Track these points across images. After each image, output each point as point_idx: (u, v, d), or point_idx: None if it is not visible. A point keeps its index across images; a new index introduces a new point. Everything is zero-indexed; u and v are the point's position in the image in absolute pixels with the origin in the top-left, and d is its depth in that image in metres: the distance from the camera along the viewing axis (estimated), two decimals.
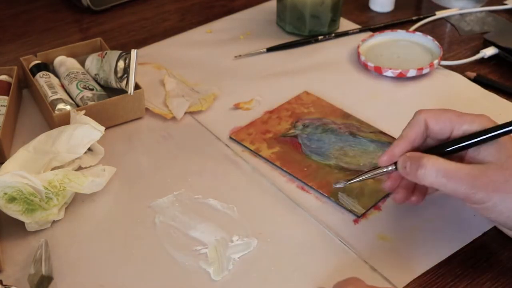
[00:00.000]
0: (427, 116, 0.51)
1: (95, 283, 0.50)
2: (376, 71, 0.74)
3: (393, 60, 0.76)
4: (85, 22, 0.88)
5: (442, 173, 0.47)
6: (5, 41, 0.84)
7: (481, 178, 0.47)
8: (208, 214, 0.56)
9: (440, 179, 0.47)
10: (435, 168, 0.48)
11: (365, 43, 0.79)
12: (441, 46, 0.76)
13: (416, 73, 0.73)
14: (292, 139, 0.64)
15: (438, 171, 0.47)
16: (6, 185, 0.51)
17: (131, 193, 0.59)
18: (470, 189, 0.47)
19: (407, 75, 0.73)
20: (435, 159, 0.48)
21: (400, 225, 0.55)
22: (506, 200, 0.46)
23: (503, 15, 0.88)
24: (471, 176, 0.47)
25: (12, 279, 0.50)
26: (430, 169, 0.48)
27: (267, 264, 0.52)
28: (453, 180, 0.47)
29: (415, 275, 0.51)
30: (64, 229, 0.55)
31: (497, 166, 0.47)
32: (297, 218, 0.56)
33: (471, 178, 0.47)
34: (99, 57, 0.70)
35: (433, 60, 0.75)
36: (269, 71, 0.76)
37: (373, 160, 0.61)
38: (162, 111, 0.69)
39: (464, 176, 0.47)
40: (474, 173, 0.47)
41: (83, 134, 0.58)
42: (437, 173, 0.47)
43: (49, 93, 0.66)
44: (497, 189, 0.46)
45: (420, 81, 0.74)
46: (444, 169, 0.47)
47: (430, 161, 0.48)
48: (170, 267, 0.52)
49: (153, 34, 0.85)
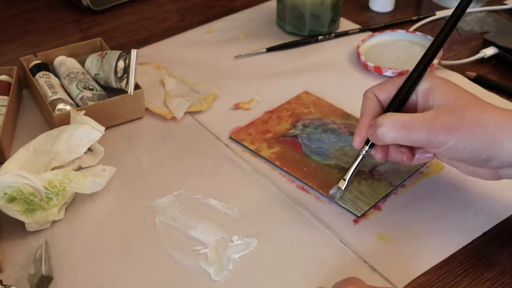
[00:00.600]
0: (373, 89, 0.55)
1: (95, 283, 0.50)
2: (376, 71, 0.74)
3: (393, 60, 0.76)
4: (85, 22, 0.88)
5: (399, 126, 0.49)
6: (5, 41, 0.84)
7: (436, 120, 0.49)
8: (208, 214, 0.56)
9: (400, 132, 0.49)
10: (392, 123, 0.50)
11: (365, 43, 0.79)
12: None
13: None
14: (292, 139, 0.64)
15: (395, 125, 0.49)
16: (6, 185, 0.51)
17: (131, 193, 0.59)
18: (429, 134, 0.49)
19: None
20: (390, 115, 0.51)
21: (400, 225, 0.55)
22: (464, 136, 0.48)
23: (503, 15, 0.88)
24: (427, 121, 0.49)
25: (12, 279, 0.50)
26: (387, 126, 0.50)
27: (267, 264, 0.52)
28: (412, 129, 0.49)
29: (415, 275, 0.51)
30: (64, 229, 0.55)
31: (448, 107, 0.50)
32: (297, 218, 0.56)
33: (427, 123, 0.49)
34: (99, 57, 0.70)
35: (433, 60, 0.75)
36: (269, 71, 0.76)
37: (373, 160, 0.61)
38: (162, 111, 0.69)
39: (421, 123, 0.49)
40: (429, 118, 0.49)
41: (83, 134, 0.58)
42: (394, 127, 0.49)
43: (49, 93, 0.66)
44: (454, 127, 0.48)
45: None
46: (401, 121, 0.50)
47: (385, 118, 0.50)
48: (170, 267, 0.52)
49: (153, 34, 0.85)
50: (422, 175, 0.60)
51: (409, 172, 0.60)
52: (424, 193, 0.58)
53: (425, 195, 0.58)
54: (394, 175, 0.60)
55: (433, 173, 0.60)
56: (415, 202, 0.57)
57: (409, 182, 0.59)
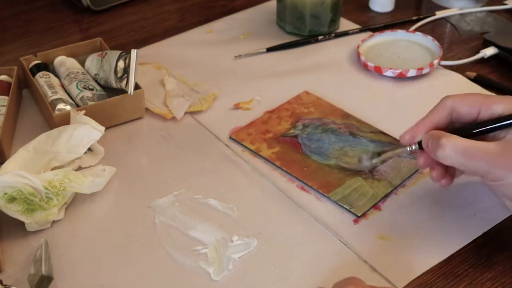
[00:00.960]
0: (454, 99, 0.52)
1: (95, 283, 0.50)
2: (376, 71, 0.74)
3: (393, 60, 0.76)
4: (85, 22, 0.88)
5: (460, 153, 0.48)
6: (5, 41, 0.84)
7: (500, 156, 0.47)
8: (208, 214, 0.56)
9: (459, 158, 0.48)
10: (454, 148, 0.48)
11: (365, 43, 0.79)
12: (441, 46, 0.76)
13: (416, 73, 0.73)
14: (292, 139, 0.64)
15: (457, 151, 0.48)
16: (6, 185, 0.51)
17: (131, 193, 0.59)
18: (489, 167, 0.48)
19: (407, 75, 0.73)
20: (455, 138, 0.49)
21: (400, 225, 0.55)
22: None
23: (503, 15, 0.88)
24: (490, 155, 0.48)
25: (12, 279, 0.50)
26: (449, 150, 0.48)
27: (267, 264, 0.52)
28: (472, 159, 0.48)
29: (415, 275, 0.51)
30: (64, 229, 0.55)
31: None
32: (297, 218, 0.56)
33: (489, 156, 0.48)
34: (99, 57, 0.70)
35: (433, 60, 0.75)
36: (269, 71, 0.76)
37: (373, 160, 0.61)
38: (162, 111, 0.69)
39: (483, 155, 0.48)
40: (493, 151, 0.48)
41: (83, 134, 0.58)
42: (455, 153, 0.48)
43: (49, 93, 0.66)
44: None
45: (420, 81, 0.74)
46: (463, 148, 0.48)
47: (450, 141, 0.48)
48: (170, 267, 0.52)
49: (153, 34, 0.85)
50: (422, 175, 0.60)
51: (409, 172, 0.60)
52: (424, 193, 0.58)
53: (425, 195, 0.58)
54: (394, 175, 0.60)
55: None
56: (415, 202, 0.57)
57: (409, 182, 0.59)
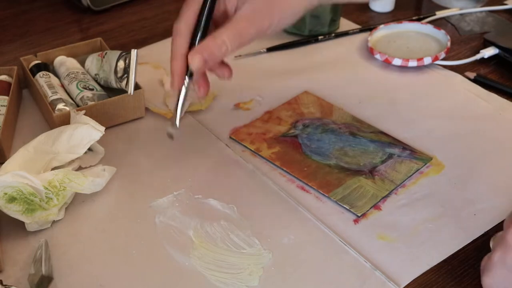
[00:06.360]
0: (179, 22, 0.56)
1: (95, 283, 0.50)
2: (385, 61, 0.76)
3: (402, 51, 0.78)
4: (85, 22, 0.88)
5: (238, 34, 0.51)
6: (5, 41, 0.84)
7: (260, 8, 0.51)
8: (208, 214, 0.56)
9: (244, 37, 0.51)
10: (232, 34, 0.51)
11: (374, 34, 0.81)
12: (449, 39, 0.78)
13: (417, 64, 0.75)
14: (292, 139, 0.64)
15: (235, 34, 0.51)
16: (6, 185, 0.51)
17: (131, 193, 0.59)
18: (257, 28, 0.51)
19: (408, 65, 0.75)
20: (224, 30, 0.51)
21: (400, 225, 0.55)
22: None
23: (503, 15, 0.88)
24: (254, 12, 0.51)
25: (12, 279, 0.50)
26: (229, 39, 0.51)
27: (267, 264, 0.52)
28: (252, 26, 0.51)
29: (415, 275, 0.51)
30: (64, 229, 0.55)
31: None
32: (297, 218, 0.56)
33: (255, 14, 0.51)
34: (99, 57, 0.70)
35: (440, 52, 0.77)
36: (269, 71, 0.76)
37: (373, 160, 0.61)
38: (162, 111, 0.69)
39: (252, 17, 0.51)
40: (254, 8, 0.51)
41: (83, 134, 0.58)
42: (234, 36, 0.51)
43: (49, 93, 0.66)
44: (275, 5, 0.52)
45: (420, 81, 0.74)
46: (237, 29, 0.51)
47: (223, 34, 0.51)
48: (170, 267, 0.52)
49: (153, 34, 0.85)
50: (422, 175, 0.60)
51: (409, 172, 0.60)
52: (424, 193, 0.58)
53: (425, 195, 0.58)
54: (394, 175, 0.60)
55: (433, 173, 0.60)
56: (415, 202, 0.57)
57: (409, 182, 0.59)
